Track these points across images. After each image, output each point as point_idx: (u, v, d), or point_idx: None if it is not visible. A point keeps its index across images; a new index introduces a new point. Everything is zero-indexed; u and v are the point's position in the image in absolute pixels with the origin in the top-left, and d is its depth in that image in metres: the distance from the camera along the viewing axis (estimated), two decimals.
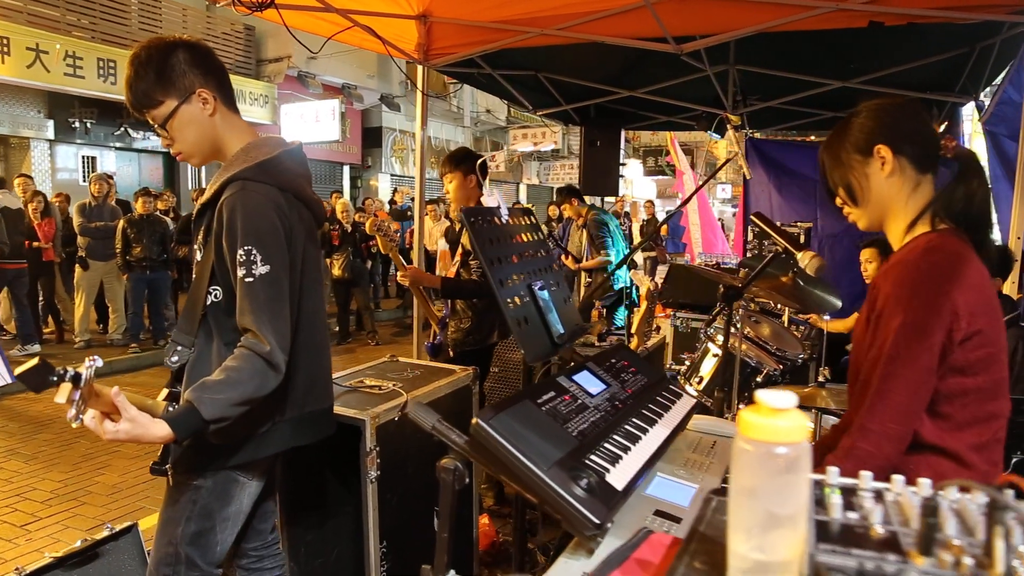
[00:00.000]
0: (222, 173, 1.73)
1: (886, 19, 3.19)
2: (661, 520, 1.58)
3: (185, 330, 1.75)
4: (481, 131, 20.06)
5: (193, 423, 1.54)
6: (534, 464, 1.32)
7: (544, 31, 3.98)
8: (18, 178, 7.71)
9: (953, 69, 4.56)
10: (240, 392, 1.57)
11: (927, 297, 1.32)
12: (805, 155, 6.33)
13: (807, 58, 4.70)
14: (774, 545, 0.78)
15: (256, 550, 2.02)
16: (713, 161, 33.71)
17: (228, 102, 1.79)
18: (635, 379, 1.97)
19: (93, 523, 3.60)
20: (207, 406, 1.53)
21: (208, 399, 1.54)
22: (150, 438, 1.50)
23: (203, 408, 1.53)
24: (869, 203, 1.48)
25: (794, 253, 1.95)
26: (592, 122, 6.36)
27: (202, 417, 1.53)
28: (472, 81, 5.19)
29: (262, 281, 1.61)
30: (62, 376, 1.35)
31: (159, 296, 7.52)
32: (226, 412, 1.57)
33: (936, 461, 1.36)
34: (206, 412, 1.53)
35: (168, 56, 1.69)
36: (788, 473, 0.76)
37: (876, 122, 1.45)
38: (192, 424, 1.54)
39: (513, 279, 1.73)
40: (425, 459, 2.38)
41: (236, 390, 1.56)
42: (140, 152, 11.76)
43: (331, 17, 3.69)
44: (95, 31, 10.00)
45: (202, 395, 1.54)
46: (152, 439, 1.51)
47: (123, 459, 4.57)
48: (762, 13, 3.41)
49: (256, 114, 12.24)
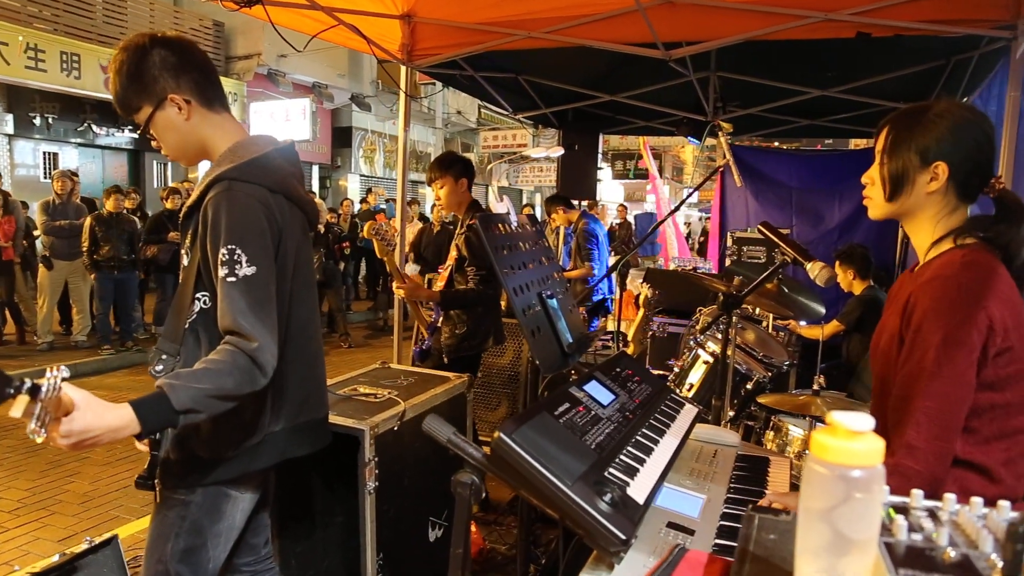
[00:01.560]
0: (208, 174, 1.66)
1: (873, 30, 3.24)
2: (675, 532, 1.57)
3: (170, 338, 1.65)
4: (452, 132, 20.00)
5: (162, 411, 1.40)
6: (559, 480, 1.29)
7: (531, 34, 3.95)
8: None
9: (929, 80, 4.66)
10: (217, 385, 1.45)
11: (967, 312, 1.32)
12: (781, 162, 6.41)
13: (787, 66, 4.77)
14: (846, 569, 0.76)
15: (249, 565, 1.95)
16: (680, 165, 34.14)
17: (209, 101, 1.70)
18: (640, 388, 1.96)
19: (64, 534, 3.47)
20: (179, 393, 1.40)
21: (181, 386, 1.41)
22: (107, 424, 1.33)
23: (174, 395, 1.39)
24: (899, 204, 1.46)
25: (803, 264, 1.95)
26: (570, 126, 6.37)
27: (172, 405, 1.39)
28: (454, 83, 5.14)
29: (247, 283, 1.52)
30: (19, 388, 1.20)
31: (127, 297, 7.30)
32: (199, 404, 1.43)
33: (963, 475, 1.36)
34: (177, 400, 1.39)
35: (141, 60, 1.62)
36: (862, 497, 0.75)
37: (951, 136, 1.40)
38: (160, 412, 1.40)
39: (525, 287, 1.70)
40: (421, 469, 2.33)
41: (213, 382, 1.45)
42: (104, 149, 11.44)
43: (316, 15, 3.62)
44: (58, 23, 9.70)
45: (174, 382, 1.42)
46: (110, 426, 1.33)
47: (94, 466, 4.42)
48: (752, 21, 3.44)
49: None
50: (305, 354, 1.76)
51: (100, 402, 1.34)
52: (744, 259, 5.65)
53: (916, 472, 1.30)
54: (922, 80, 4.64)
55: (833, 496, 0.75)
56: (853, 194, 6.04)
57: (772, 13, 3.37)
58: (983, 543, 0.78)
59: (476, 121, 19.44)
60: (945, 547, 0.77)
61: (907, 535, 0.80)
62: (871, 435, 0.75)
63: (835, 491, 0.75)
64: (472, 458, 1.42)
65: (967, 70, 4.18)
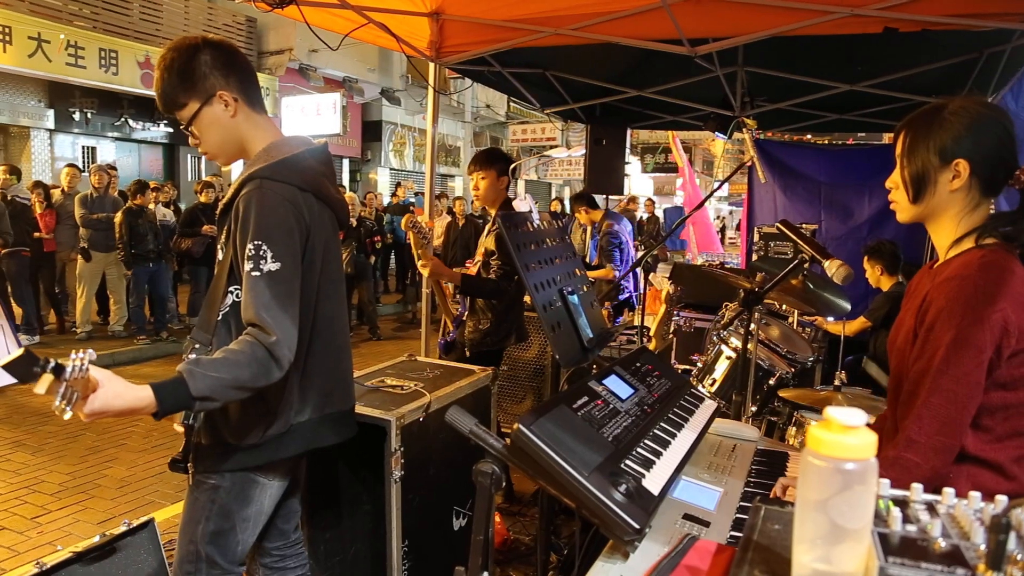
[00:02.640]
0: (243, 172, 1.73)
1: (900, 25, 3.21)
2: (691, 524, 1.61)
3: (203, 328, 1.74)
4: (481, 126, 20.05)
5: (180, 395, 1.46)
6: (575, 470, 1.33)
7: (558, 31, 3.98)
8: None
9: (961, 73, 4.58)
10: (235, 375, 1.51)
11: (981, 313, 1.33)
12: (810, 156, 6.35)
13: (814, 61, 4.72)
14: (840, 557, 0.80)
15: (279, 549, 2.03)
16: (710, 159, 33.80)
17: (252, 102, 1.78)
18: (660, 383, 1.99)
19: (103, 516, 3.61)
20: (197, 380, 1.47)
21: (200, 373, 1.48)
22: (126, 401, 1.40)
23: (192, 381, 1.46)
24: (924, 205, 1.47)
25: (821, 262, 1.97)
26: (597, 121, 6.38)
27: (189, 391, 1.46)
28: (482, 79, 5.19)
29: (270, 278, 1.59)
30: (43, 367, 1.28)
31: (161, 288, 7.51)
32: (215, 392, 1.50)
33: (977, 472, 1.38)
34: (194, 386, 1.46)
35: (191, 59, 1.70)
36: (856, 488, 0.79)
37: (967, 132, 1.41)
38: (178, 396, 1.46)
39: (546, 284, 1.75)
40: (445, 459, 2.40)
41: (231, 371, 1.51)
42: (140, 143, 11.72)
43: (347, 14, 3.69)
44: (97, 21, 9.95)
45: (194, 369, 1.48)
46: (129, 403, 1.40)
47: (130, 452, 4.58)
48: (777, 17, 3.43)
49: None
50: (332, 348, 1.82)
51: (121, 381, 1.41)
52: (771, 255, 5.62)
53: (916, 465, 1.33)
54: (954, 73, 4.56)
55: (828, 487, 0.79)
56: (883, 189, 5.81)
57: (797, 9, 3.36)
58: (975, 534, 0.81)
59: (505, 115, 19.46)
60: (937, 538, 0.81)
61: (902, 526, 0.84)
62: (864, 430, 0.79)
63: (830, 483, 0.79)
64: (493, 448, 1.48)
65: (999, 64, 4.11)
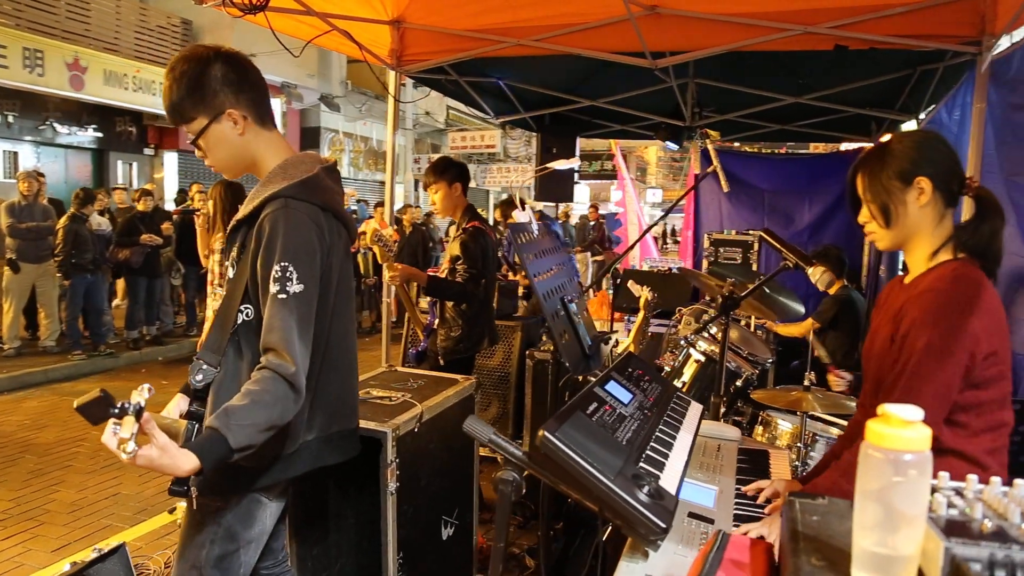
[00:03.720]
0: (260, 190, 1.70)
1: (850, 43, 3.41)
2: (697, 521, 1.68)
3: (213, 348, 1.69)
4: (420, 133, 19.97)
5: (220, 452, 1.47)
6: (601, 474, 1.37)
7: (520, 42, 4.04)
8: None
9: (895, 89, 4.89)
10: (267, 417, 1.52)
11: (955, 321, 1.46)
12: (753, 165, 6.61)
13: (760, 74, 4.93)
14: (899, 542, 0.86)
15: (268, 569, 2.00)
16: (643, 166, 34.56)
17: (263, 119, 1.76)
18: (652, 387, 2.06)
19: (57, 544, 3.43)
20: (235, 434, 1.47)
21: (236, 426, 1.47)
22: (175, 469, 1.41)
23: (231, 436, 1.46)
24: (899, 227, 1.59)
25: (804, 268, 2.08)
26: (547, 130, 6.47)
27: (230, 446, 1.47)
28: (439, 87, 5.20)
29: (296, 299, 1.58)
30: (125, 410, 1.28)
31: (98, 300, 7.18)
32: (253, 439, 1.51)
33: (956, 464, 1.50)
34: (234, 440, 1.47)
35: (203, 72, 1.66)
36: (914, 477, 0.85)
37: (919, 153, 1.54)
38: (219, 453, 1.47)
39: (552, 293, 1.78)
40: (435, 470, 2.40)
41: (262, 415, 1.51)
42: (66, 148, 11.17)
43: (311, 21, 3.65)
44: (20, 18, 9.45)
45: (229, 421, 1.47)
46: (179, 471, 1.42)
47: (78, 475, 4.36)
48: (735, 33, 3.58)
49: None
50: (341, 365, 1.81)
51: (175, 449, 1.42)
52: (721, 260, 5.83)
53: None
54: (889, 88, 4.86)
55: (887, 477, 0.85)
56: (823, 196, 6.27)
57: (755, 25, 3.51)
58: (1011, 515, 0.89)
59: (444, 122, 19.46)
60: (982, 519, 0.88)
61: (946, 511, 0.91)
62: (921, 424, 0.86)
63: (889, 473, 0.85)
64: (513, 456, 1.51)
65: (932, 80, 4.39)
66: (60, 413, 5.55)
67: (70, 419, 5.34)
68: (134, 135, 11.87)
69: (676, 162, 34.81)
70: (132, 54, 10.89)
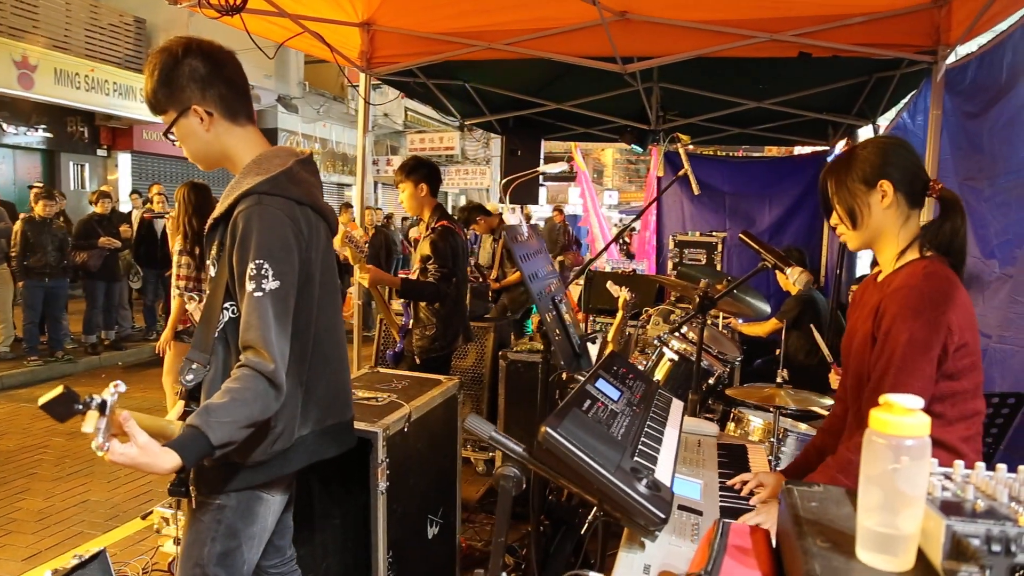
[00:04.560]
0: (234, 187, 1.70)
1: (813, 51, 3.54)
2: (687, 514, 1.74)
3: (200, 347, 1.69)
4: (379, 135, 19.83)
5: (201, 449, 1.49)
6: (603, 468, 1.42)
7: (492, 45, 4.08)
8: None
9: (851, 95, 5.07)
10: (247, 414, 1.54)
11: (929, 316, 1.54)
12: (715, 168, 6.76)
13: (722, 79, 5.06)
14: (901, 522, 0.93)
15: (275, 567, 2.00)
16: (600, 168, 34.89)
17: (234, 115, 1.74)
18: (636, 385, 2.11)
19: (27, 552, 3.33)
20: (215, 431, 1.49)
21: (216, 423, 1.49)
22: (158, 468, 1.44)
23: (211, 433, 1.48)
24: (866, 228, 1.68)
25: (783, 268, 2.15)
26: (513, 132, 6.52)
27: (210, 442, 1.48)
28: (407, 90, 5.21)
29: (272, 297, 1.59)
30: (88, 404, 1.30)
31: (56, 305, 6.96)
32: (234, 436, 1.53)
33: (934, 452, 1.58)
34: (215, 437, 1.49)
35: (175, 66, 1.67)
36: (915, 461, 0.92)
37: (882, 159, 1.64)
38: (200, 450, 1.49)
39: (543, 293, 1.82)
40: (422, 469, 2.42)
41: (242, 412, 1.53)
42: (15, 148, 10.79)
43: (283, 23, 3.63)
44: None
45: (209, 419, 1.49)
46: (160, 469, 1.44)
47: (43, 482, 4.23)
48: (703, 39, 3.68)
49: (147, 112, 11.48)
50: (331, 359, 1.82)
51: (156, 448, 1.44)
52: (686, 261, 5.95)
53: None
54: (845, 94, 5.04)
55: (890, 461, 0.91)
56: (782, 198, 6.46)
57: (722, 32, 3.62)
58: (1000, 495, 0.96)
59: (403, 123, 19.36)
60: (974, 500, 0.95)
61: (941, 493, 0.98)
62: (920, 412, 0.92)
63: (892, 457, 0.91)
64: (514, 452, 1.54)
65: (888, 87, 4.58)
66: (19, 420, 5.37)
67: (30, 426, 5.19)
68: (86, 136, 11.54)
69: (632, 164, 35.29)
70: (83, 52, 10.58)
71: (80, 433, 1.32)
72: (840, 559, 0.96)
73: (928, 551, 0.93)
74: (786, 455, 2.86)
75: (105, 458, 1.36)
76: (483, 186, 20.37)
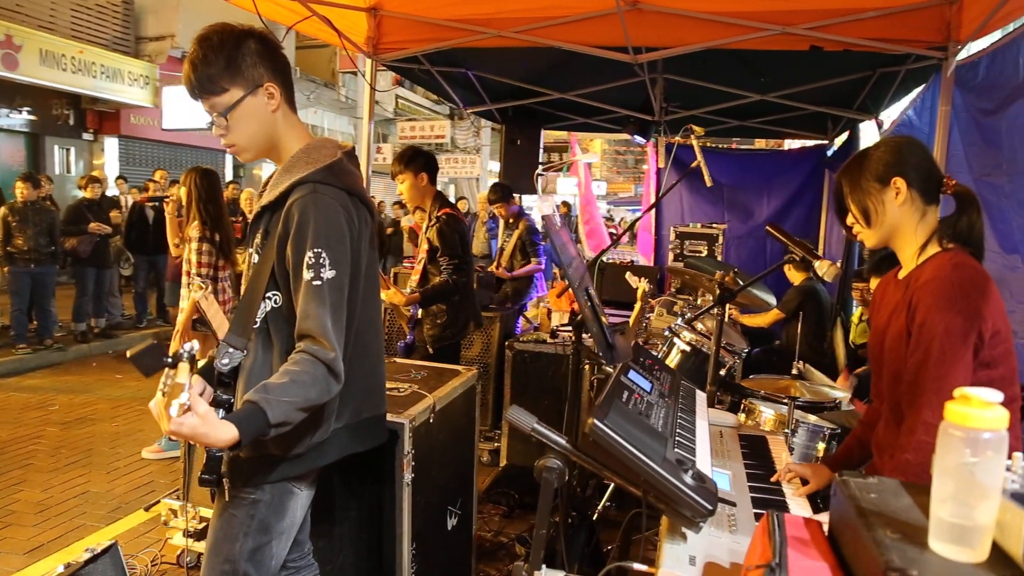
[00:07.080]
0: (284, 176, 1.68)
1: (825, 44, 3.55)
2: (722, 505, 1.75)
3: (238, 333, 1.66)
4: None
5: (258, 425, 1.46)
6: (650, 459, 1.42)
7: (501, 33, 4.05)
8: None
9: (853, 89, 5.09)
10: (304, 396, 1.52)
11: (963, 305, 1.55)
12: (713, 160, 6.74)
13: (726, 71, 5.07)
14: (977, 513, 0.94)
15: (294, 561, 1.97)
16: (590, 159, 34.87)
17: (290, 101, 1.74)
18: (663, 376, 2.12)
19: (29, 545, 3.27)
20: (274, 408, 1.46)
21: (275, 400, 1.47)
22: (214, 438, 1.41)
23: (270, 410, 1.46)
24: (881, 226, 1.70)
25: (811, 261, 2.16)
26: (512, 121, 6.49)
27: (268, 420, 1.46)
28: (412, 77, 5.16)
29: (330, 286, 1.58)
30: (179, 356, 1.32)
31: (45, 292, 6.85)
32: (290, 416, 1.50)
33: None
34: (272, 415, 1.46)
35: (240, 44, 1.63)
36: (991, 454, 0.93)
37: (895, 157, 1.66)
38: (257, 426, 1.46)
39: (579, 284, 1.82)
40: (444, 460, 2.41)
41: (300, 394, 1.51)
42: None
43: (292, 6, 3.59)
44: None
45: (268, 396, 1.47)
46: (217, 440, 1.42)
47: (40, 473, 4.16)
48: (715, 31, 3.67)
49: (135, 96, 11.37)
50: (369, 352, 1.80)
51: (215, 418, 1.43)
52: (686, 252, 5.97)
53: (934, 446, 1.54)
54: (848, 88, 5.06)
55: (968, 453, 0.92)
56: (780, 191, 6.49)
57: (734, 24, 3.62)
58: None
59: (393, 111, 19.21)
60: None
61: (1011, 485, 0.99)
62: (998, 406, 0.93)
63: (969, 450, 0.92)
64: (557, 444, 1.55)
65: (893, 82, 4.60)
66: (10, 410, 5.27)
67: (22, 415, 5.10)
68: (72, 119, 11.33)
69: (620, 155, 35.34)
70: (69, 33, 10.39)
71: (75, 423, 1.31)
72: (914, 550, 0.96)
73: (1006, 543, 0.94)
74: (798, 446, 2.89)
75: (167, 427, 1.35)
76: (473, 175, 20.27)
